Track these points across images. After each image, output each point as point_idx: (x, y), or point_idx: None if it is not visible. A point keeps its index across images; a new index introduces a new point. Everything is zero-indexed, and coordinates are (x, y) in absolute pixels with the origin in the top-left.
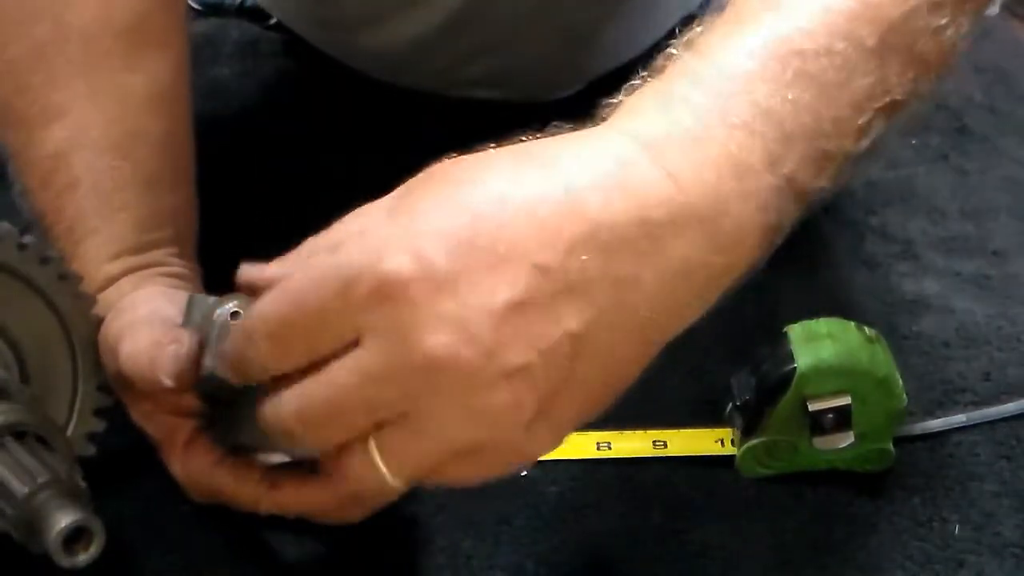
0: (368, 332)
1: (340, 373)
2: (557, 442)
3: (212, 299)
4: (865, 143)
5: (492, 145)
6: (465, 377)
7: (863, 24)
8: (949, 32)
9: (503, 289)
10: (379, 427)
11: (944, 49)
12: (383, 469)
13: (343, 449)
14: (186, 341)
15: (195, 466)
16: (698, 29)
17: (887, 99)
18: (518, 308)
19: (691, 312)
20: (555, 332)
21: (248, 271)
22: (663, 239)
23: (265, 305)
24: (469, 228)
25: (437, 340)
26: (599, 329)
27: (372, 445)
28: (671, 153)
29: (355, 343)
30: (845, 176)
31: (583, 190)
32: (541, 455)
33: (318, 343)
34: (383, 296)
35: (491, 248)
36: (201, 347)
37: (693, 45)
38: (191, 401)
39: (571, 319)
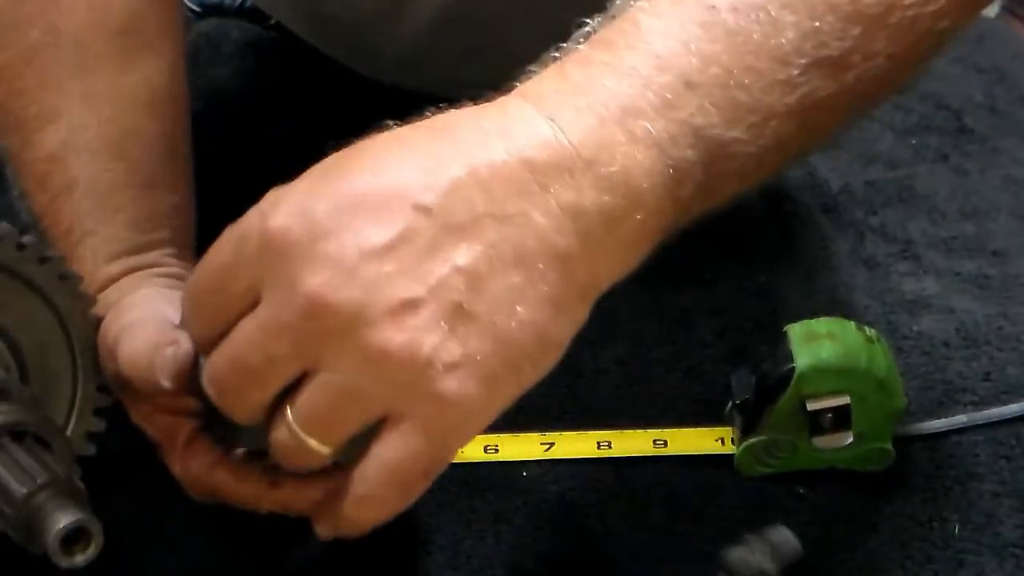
0: (261, 287)
1: (239, 330)
2: (490, 398)
3: None
4: (793, 98)
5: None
6: (350, 317)
7: None
8: None
9: (381, 229)
10: (293, 390)
11: (908, 7)
12: (301, 434)
13: (270, 422)
14: (183, 343)
15: (195, 466)
16: (618, 2)
17: (822, 53)
18: (398, 245)
19: (605, 257)
20: (442, 268)
21: None
22: (548, 179)
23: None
24: (349, 181)
25: (315, 281)
26: (493, 265)
27: (288, 410)
28: (554, 101)
29: (257, 302)
30: (781, 132)
31: (464, 136)
32: (477, 415)
33: (224, 302)
34: (268, 249)
35: (370, 195)
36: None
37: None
38: (190, 402)
39: (459, 254)
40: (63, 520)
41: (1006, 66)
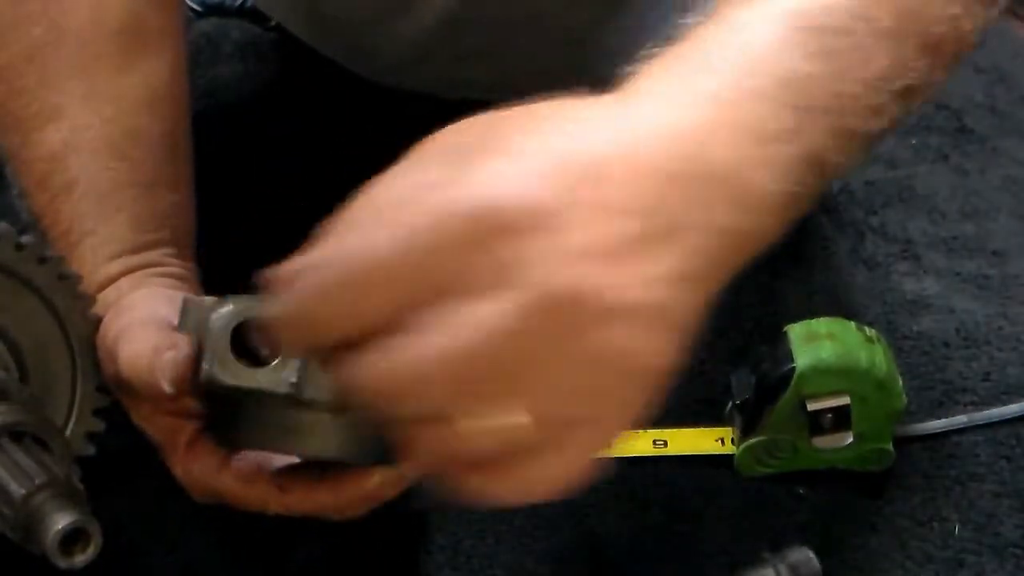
0: (467, 279)
1: (459, 330)
2: (623, 416)
3: (208, 302)
4: (879, 124)
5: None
6: (601, 314)
7: (879, 6)
8: (963, 22)
9: (619, 226)
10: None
11: (958, 39)
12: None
13: (418, 423)
14: (183, 347)
15: (198, 468)
16: (713, 3)
17: (901, 83)
18: (636, 245)
19: (717, 281)
20: (662, 271)
21: (273, 270)
22: (703, 195)
23: (341, 251)
24: (573, 166)
25: (572, 273)
26: (684, 276)
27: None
28: (693, 114)
29: (454, 293)
30: (861, 158)
31: (660, 139)
32: (638, 414)
33: (396, 295)
34: (490, 235)
35: (598, 187)
36: (198, 351)
37: (713, 16)
38: (191, 403)
39: (672, 262)
40: (62, 521)
41: (1006, 66)
